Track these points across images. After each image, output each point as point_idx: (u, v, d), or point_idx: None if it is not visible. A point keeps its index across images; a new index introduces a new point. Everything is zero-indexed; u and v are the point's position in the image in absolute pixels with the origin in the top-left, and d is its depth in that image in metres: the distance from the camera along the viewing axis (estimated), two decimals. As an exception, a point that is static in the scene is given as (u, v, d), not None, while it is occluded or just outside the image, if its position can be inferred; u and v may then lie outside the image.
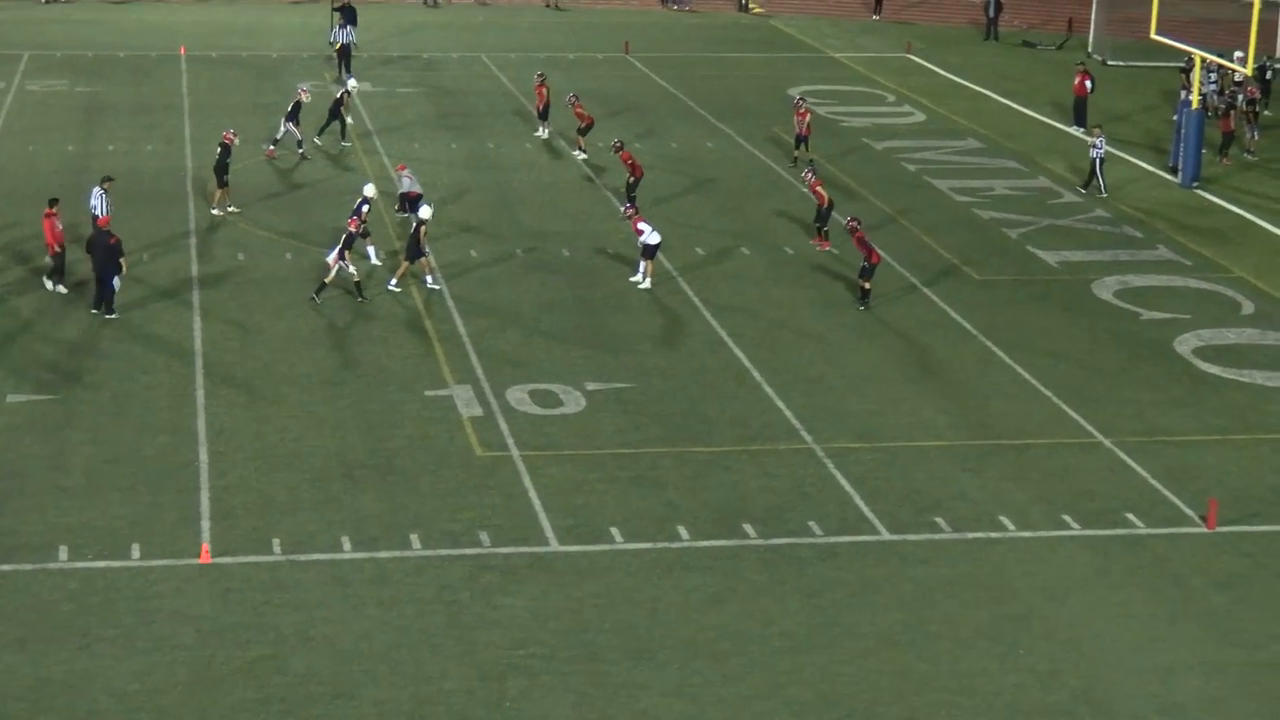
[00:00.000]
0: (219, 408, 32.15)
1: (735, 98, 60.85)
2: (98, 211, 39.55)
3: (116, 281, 36.50)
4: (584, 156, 50.99)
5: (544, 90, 53.59)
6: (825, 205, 42.52)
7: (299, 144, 50.18)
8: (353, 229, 38.07)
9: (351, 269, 37.85)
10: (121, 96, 58.43)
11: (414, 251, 38.96)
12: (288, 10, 78.41)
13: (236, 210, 44.42)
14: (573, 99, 52.09)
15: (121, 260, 36.59)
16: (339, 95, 52.63)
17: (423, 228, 38.94)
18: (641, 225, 39.53)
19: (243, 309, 37.48)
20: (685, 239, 43.22)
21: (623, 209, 41.45)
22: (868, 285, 38.49)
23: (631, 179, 45.13)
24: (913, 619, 25.28)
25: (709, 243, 43.12)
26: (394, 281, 38.77)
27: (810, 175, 43.56)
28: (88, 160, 48.75)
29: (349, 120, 52.79)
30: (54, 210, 37.96)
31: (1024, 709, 23.05)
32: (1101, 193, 48.41)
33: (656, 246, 39.56)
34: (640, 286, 39.40)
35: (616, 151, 46.13)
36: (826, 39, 75.35)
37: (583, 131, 51.38)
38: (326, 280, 37.86)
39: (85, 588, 25.41)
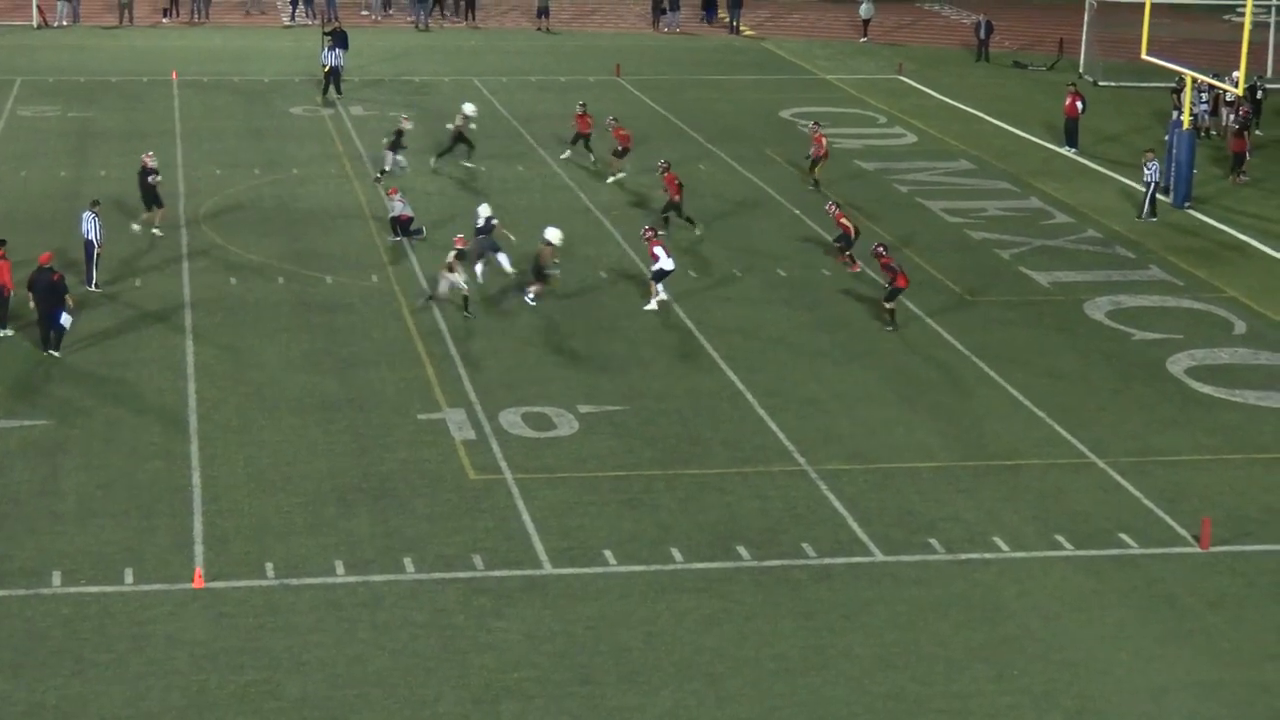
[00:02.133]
0: (212, 432, 32.16)
1: (727, 120, 60.99)
2: (90, 236, 39.60)
3: (66, 319, 35.44)
4: (619, 177, 50.80)
5: (588, 120, 53.85)
6: (852, 235, 42.94)
7: (383, 171, 50.29)
8: (459, 246, 39.36)
9: (463, 283, 38.50)
10: (114, 122, 58.50)
11: (539, 272, 39.59)
12: (279, 35, 78.57)
13: (160, 233, 44.09)
14: (612, 122, 52.34)
15: (67, 297, 35.60)
16: (458, 121, 52.94)
17: (548, 249, 39.61)
18: (658, 250, 39.46)
19: (235, 333, 37.49)
20: (678, 261, 43.19)
21: (644, 229, 41.40)
22: (891, 307, 38.81)
23: (673, 199, 45.35)
24: (907, 640, 25.29)
25: (702, 265, 43.19)
26: (531, 295, 39.77)
27: (833, 208, 43.91)
28: (80, 185, 48.77)
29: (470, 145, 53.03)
30: (1, 250, 36.68)
31: (1018, 730, 23.15)
32: (1151, 217, 48.48)
33: (668, 273, 39.60)
34: (645, 308, 39.55)
35: (663, 173, 46.32)
36: (818, 60, 75.51)
37: (619, 154, 51.33)
38: (437, 293, 38.84)
39: (78, 613, 25.39)
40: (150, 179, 44.32)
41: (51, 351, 35.47)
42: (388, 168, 50.55)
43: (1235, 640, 25.60)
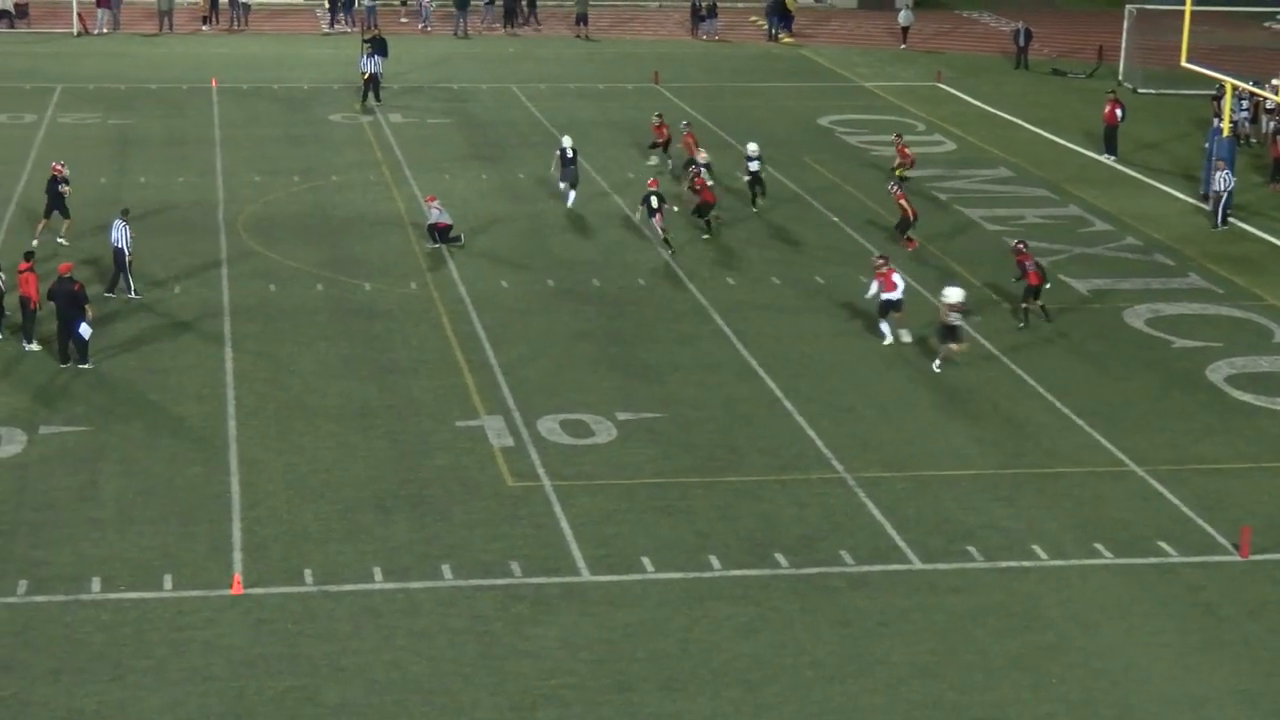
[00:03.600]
0: (250, 439, 32.26)
1: (765, 127, 60.88)
2: (120, 244, 39.67)
3: (86, 329, 35.17)
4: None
5: (665, 129, 54.40)
6: (911, 217, 44.38)
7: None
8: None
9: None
10: (153, 129, 58.76)
11: (945, 334, 36.72)
12: (318, 42, 78.84)
13: (65, 242, 43.66)
14: (686, 127, 52.47)
15: (87, 307, 35.38)
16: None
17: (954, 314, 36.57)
18: (896, 279, 37.90)
19: (274, 340, 37.61)
20: (717, 270, 43.31)
21: (874, 255, 39.94)
22: (1026, 306, 39.49)
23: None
24: (945, 648, 25.26)
25: (740, 272, 43.19)
26: (937, 363, 36.89)
27: (895, 188, 45.21)
28: (119, 192, 48.94)
29: None
30: (29, 263, 36.65)
31: (1057, 739, 23.12)
32: (1225, 225, 48.64)
33: (898, 303, 38.12)
34: (887, 342, 38.11)
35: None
36: (856, 68, 75.47)
37: (688, 163, 51.04)
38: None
39: (117, 619, 25.50)
40: (60, 188, 44.11)
41: (75, 364, 35.21)
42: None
43: (1275, 649, 25.51)
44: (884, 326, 38.20)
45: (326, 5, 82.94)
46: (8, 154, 54.48)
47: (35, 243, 42.58)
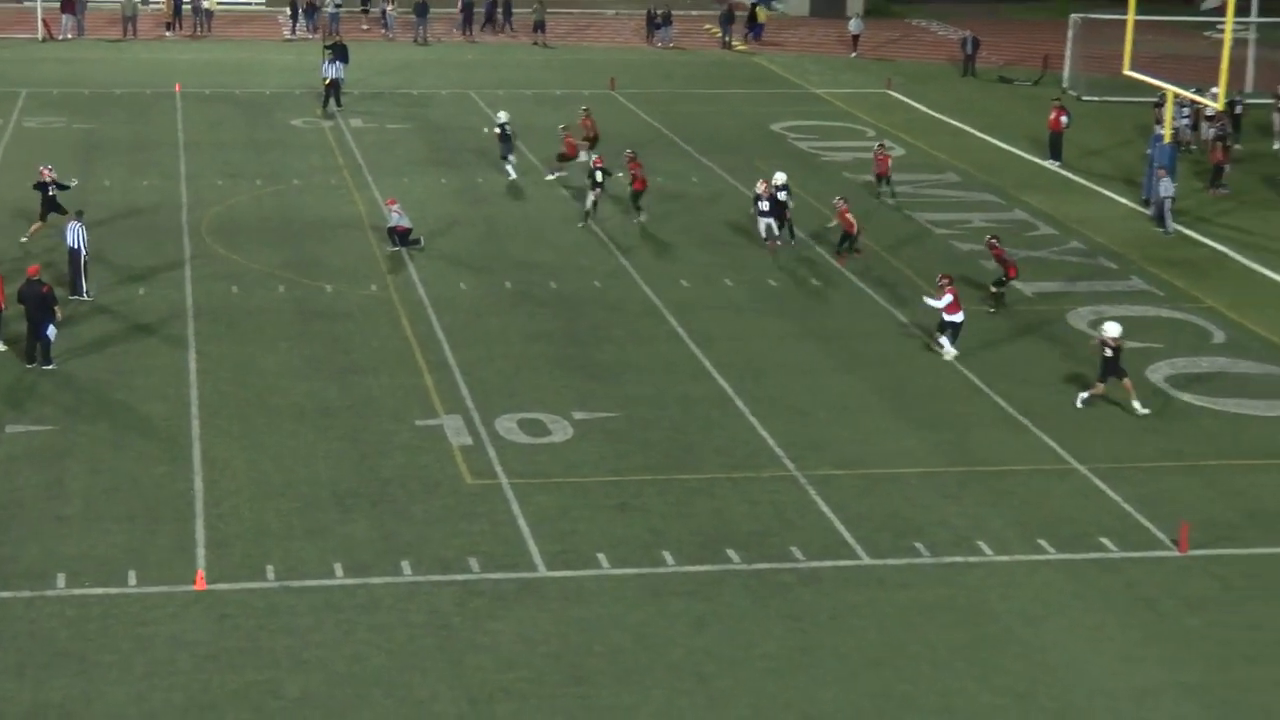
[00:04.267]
0: (214, 438, 32.22)
1: (719, 133, 61.09)
2: (74, 245, 39.47)
3: (52, 331, 35.09)
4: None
5: (590, 122, 55.04)
6: (854, 231, 44.24)
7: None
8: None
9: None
10: (118, 133, 58.58)
11: (1111, 370, 34.75)
12: (281, 49, 78.69)
13: (25, 240, 43.78)
14: (630, 156, 50.16)
15: (55, 309, 35.30)
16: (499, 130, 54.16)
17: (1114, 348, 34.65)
18: (948, 296, 37.34)
19: (236, 341, 37.55)
20: (670, 272, 43.38)
21: (941, 277, 38.48)
22: (997, 292, 40.50)
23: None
24: (893, 641, 25.38)
25: (694, 274, 43.27)
26: (1082, 398, 35.18)
27: (841, 202, 44.94)
28: (85, 195, 48.61)
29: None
30: None
31: (1001, 729, 23.26)
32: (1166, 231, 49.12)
33: (959, 325, 37.66)
34: (946, 356, 37.67)
35: (628, 161, 46.51)
36: (809, 75, 75.65)
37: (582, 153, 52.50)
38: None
39: (83, 614, 25.45)
40: (50, 191, 44.09)
41: (39, 365, 35.05)
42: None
43: (1213, 642, 25.69)
44: (944, 339, 37.74)
45: (289, 11, 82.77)
46: (-26, 157, 54.35)
47: (24, 240, 43.14)
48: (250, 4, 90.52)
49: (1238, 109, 60.71)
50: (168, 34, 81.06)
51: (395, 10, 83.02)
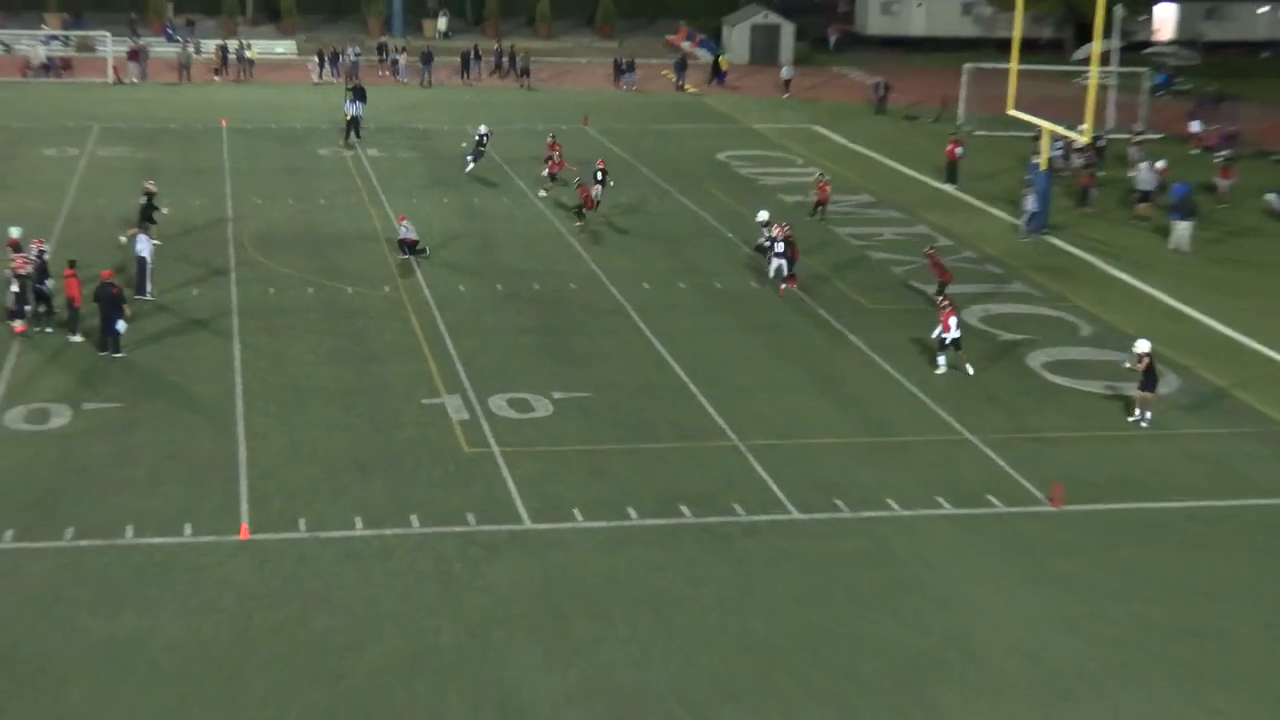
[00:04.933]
0: (254, 414, 32.10)
1: (675, 161, 60.92)
2: (142, 253, 39.40)
3: (122, 325, 35.01)
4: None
5: (558, 148, 55.19)
6: (796, 257, 42.70)
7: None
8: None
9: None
10: (174, 160, 58.20)
11: (1149, 383, 33.07)
12: (310, 91, 78.31)
13: (125, 240, 42.99)
14: (551, 140, 52.45)
15: (125, 307, 35.26)
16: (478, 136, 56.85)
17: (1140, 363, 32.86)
18: (951, 320, 35.63)
19: (273, 334, 37.39)
20: (634, 277, 43.32)
21: (941, 299, 36.95)
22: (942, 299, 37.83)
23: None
24: (817, 582, 25.41)
25: (654, 279, 43.20)
26: (1142, 417, 33.20)
27: (786, 228, 43.06)
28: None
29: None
30: (73, 269, 36.46)
31: (907, 652, 23.30)
32: (1028, 237, 49.45)
33: (958, 340, 35.77)
34: (939, 372, 35.72)
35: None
36: (748, 113, 75.53)
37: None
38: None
39: (146, 560, 25.39)
40: (153, 202, 44.75)
41: (111, 353, 34.93)
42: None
43: (1080, 582, 25.80)
44: (940, 360, 35.92)
45: (317, 59, 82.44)
46: (57, 180, 53.87)
47: (123, 239, 42.74)
48: (284, 53, 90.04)
49: (1101, 142, 60.82)
50: (216, 78, 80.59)
51: (406, 59, 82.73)
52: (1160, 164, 55.49)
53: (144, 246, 39.59)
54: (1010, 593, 25.35)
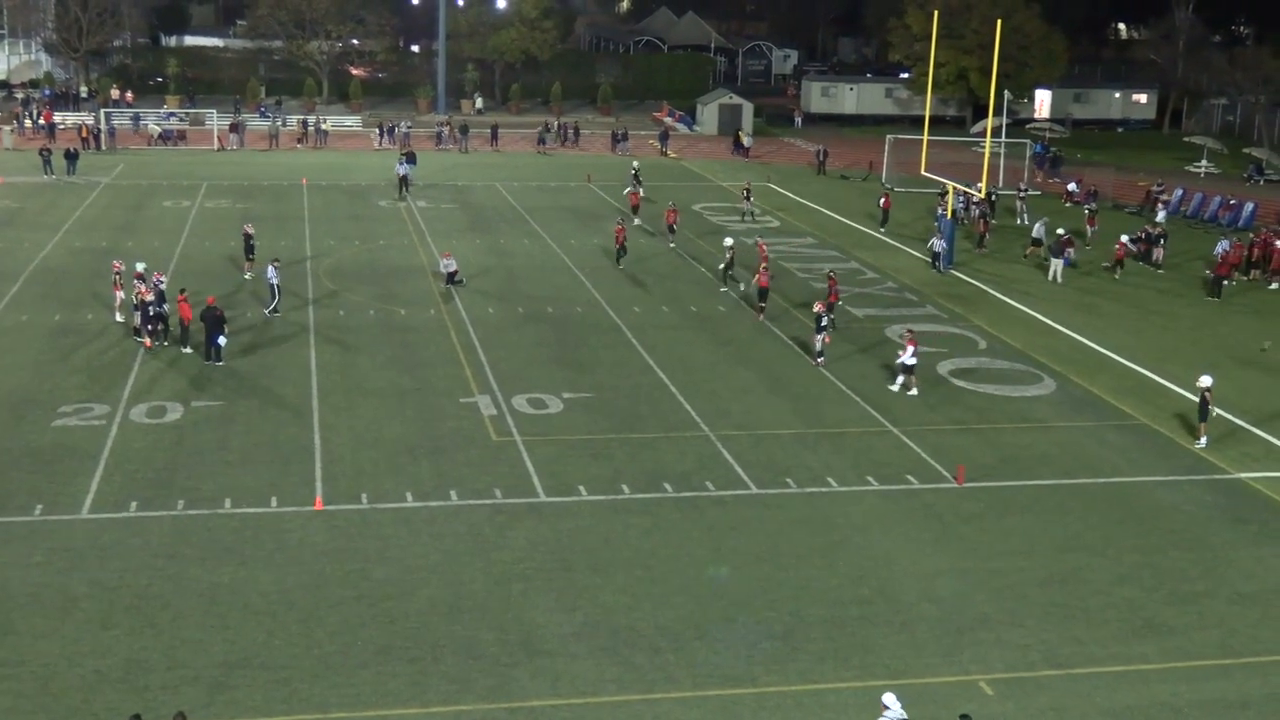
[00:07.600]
0: (327, 410, 32.02)
1: (659, 211, 60.78)
2: (273, 281, 39.63)
3: (223, 340, 34.92)
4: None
5: (637, 197, 56.79)
6: (767, 288, 41.65)
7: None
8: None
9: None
10: (264, 210, 58.05)
11: (1204, 413, 30.98)
12: (371, 155, 78.17)
13: (248, 276, 44.13)
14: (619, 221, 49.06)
15: (225, 325, 35.25)
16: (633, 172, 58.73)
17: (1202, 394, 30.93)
18: (910, 348, 34.15)
19: (342, 346, 37.30)
20: (628, 303, 43.28)
21: (906, 330, 36.42)
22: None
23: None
24: (771, 545, 25.38)
25: (643, 305, 43.15)
26: (1203, 441, 31.09)
27: (764, 270, 42.21)
28: (244, 253, 48.42)
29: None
30: (184, 295, 36.46)
31: (843, 600, 23.25)
32: (939, 271, 48.79)
33: (911, 366, 34.16)
34: (893, 387, 34.56)
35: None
36: (717, 173, 75.44)
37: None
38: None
39: (242, 525, 25.30)
40: (250, 242, 44.99)
41: (214, 362, 34.85)
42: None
43: (979, 543, 25.78)
44: (899, 379, 34.57)
45: (377, 130, 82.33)
46: (175, 225, 53.79)
47: (248, 276, 43.66)
48: (352, 126, 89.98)
49: (993, 197, 60.78)
50: (298, 145, 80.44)
51: (448, 130, 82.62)
52: (1046, 219, 55.49)
53: (273, 273, 39.93)
54: (922, 551, 25.33)
